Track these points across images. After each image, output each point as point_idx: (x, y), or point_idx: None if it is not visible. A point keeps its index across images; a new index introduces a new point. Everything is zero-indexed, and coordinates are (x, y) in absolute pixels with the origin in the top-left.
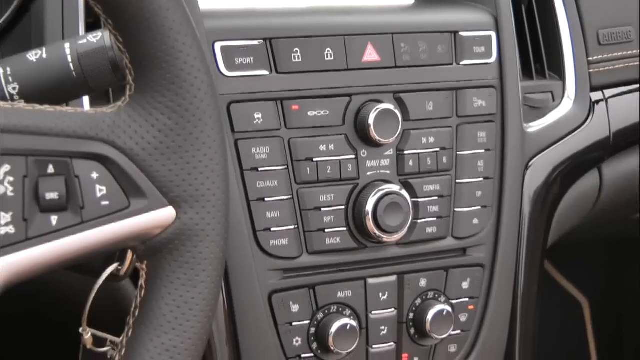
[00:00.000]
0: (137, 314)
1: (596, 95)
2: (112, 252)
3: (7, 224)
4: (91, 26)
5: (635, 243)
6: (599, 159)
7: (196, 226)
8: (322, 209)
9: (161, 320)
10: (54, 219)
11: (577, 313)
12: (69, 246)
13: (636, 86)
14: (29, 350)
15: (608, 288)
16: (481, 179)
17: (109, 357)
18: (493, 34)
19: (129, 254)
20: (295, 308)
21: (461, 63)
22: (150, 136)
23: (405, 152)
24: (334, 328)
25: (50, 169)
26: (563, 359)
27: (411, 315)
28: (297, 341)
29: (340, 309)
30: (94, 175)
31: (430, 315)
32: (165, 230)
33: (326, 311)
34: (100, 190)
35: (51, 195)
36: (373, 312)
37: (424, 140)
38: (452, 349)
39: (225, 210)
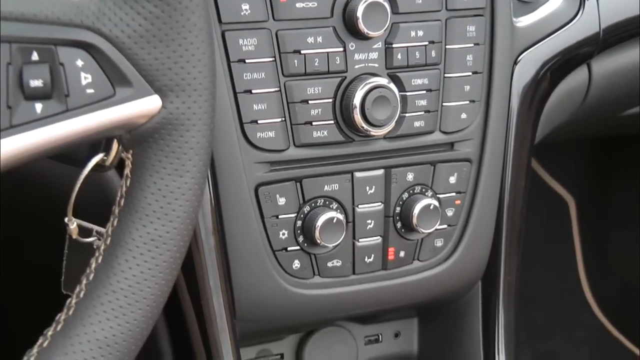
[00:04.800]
0: (122, 203)
1: None
2: (98, 141)
3: None
4: None
5: (622, 141)
6: (589, 54)
7: (182, 115)
8: (310, 101)
9: (147, 210)
10: (38, 107)
11: (563, 212)
12: (54, 134)
13: None
14: (13, 241)
15: (594, 187)
16: (470, 74)
17: (94, 247)
18: None
19: (115, 144)
20: (281, 201)
21: None
22: (136, 24)
23: (394, 46)
24: (320, 221)
25: (35, 56)
26: (548, 256)
27: (398, 209)
28: (283, 234)
29: (327, 202)
30: (79, 62)
31: (416, 209)
32: (151, 119)
33: (313, 204)
34: (85, 78)
35: (35, 83)
36: (360, 206)
37: (413, 33)
38: (439, 243)
39: (212, 99)
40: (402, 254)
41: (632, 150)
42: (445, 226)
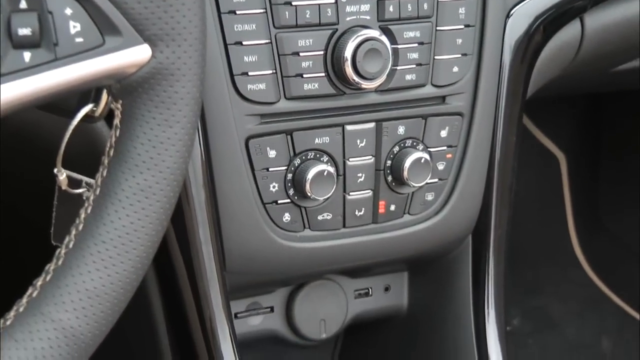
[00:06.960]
0: (111, 154)
1: None
2: (87, 91)
3: None
4: None
5: (614, 97)
6: (582, 8)
7: (172, 65)
8: (301, 54)
9: (136, 160)
10: (27, 56)
11: (554, 168)
12: (42, 83)
13: None
14: (4, 196)
15: (585, 143)
16: (462, 27)
17: (84, 198)
18: None
19: (104, 95)
20: (272, 154)
21: None
22: None
23: None
24: (310, 174)
25: (23, 4)
26: (538, 212)
27: (389, 162)
28: (273, 187)
29: (318, 155)
30: (68, 11)
31: (407, 162)
32: (141, 69)
33: (303, 157)
34: (74, 27)
35: (24, 31)
36: (350, 159)
37: None
38: (429, 197)
39: (202, 49)
40: (392, 207)
41: (623, 107)
42: (436, 180)
